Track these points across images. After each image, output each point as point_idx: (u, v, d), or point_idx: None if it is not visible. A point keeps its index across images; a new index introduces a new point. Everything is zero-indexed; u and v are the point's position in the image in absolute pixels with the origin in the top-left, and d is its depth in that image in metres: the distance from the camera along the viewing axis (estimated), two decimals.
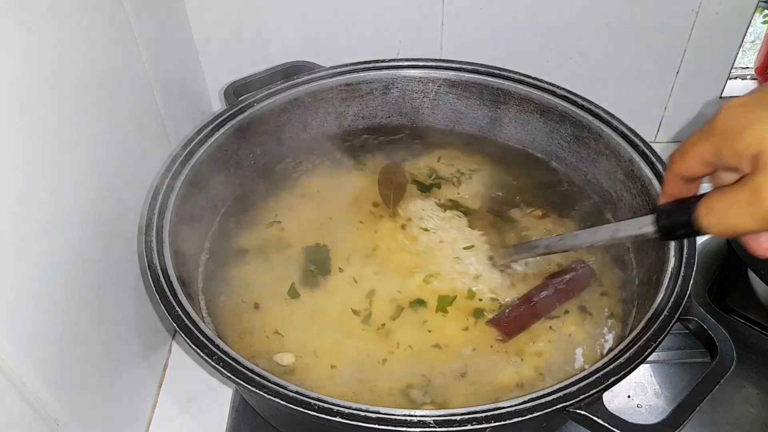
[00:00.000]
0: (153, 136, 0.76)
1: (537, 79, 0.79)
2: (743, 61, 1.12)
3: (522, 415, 0.47)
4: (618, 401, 0.72)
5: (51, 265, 0.52)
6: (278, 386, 0.49)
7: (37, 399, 0.50)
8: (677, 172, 0.44)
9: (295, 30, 0.93)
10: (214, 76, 0.97)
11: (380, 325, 0.64)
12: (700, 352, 0.75)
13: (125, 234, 0.68)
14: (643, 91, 1.02)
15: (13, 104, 0.47)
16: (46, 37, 0.52)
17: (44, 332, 0.51)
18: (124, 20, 0.68)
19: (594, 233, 0.57)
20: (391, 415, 0.47)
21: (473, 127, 0.86)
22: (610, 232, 0.54)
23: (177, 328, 0.53)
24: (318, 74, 0.82)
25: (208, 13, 0.90)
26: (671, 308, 0.54)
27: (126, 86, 0.68)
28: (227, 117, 0.75)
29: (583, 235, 0.59)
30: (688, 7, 0.92)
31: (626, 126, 0.72)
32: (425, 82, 0.84)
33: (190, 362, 0.78)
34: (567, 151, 0.80)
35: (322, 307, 0.66)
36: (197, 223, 0.71)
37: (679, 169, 0.44)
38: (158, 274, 0.57)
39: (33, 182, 0.50)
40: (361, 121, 0.87)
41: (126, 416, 0.68)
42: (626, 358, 0.51)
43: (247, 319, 0.65)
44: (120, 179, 0.66)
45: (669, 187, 0.46)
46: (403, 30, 0.94)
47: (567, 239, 0.61)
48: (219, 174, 0.74)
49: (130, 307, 0.69)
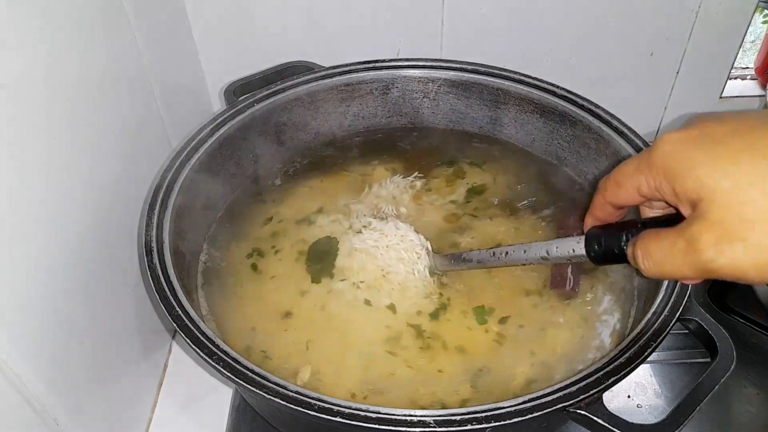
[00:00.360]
0: (153, 136, 0.76)
1: (537, 79, 0.79)
2: (743, 61, 1.12)
3: (522, 415, 0.47)
4: (618, 401, 0.72)
5: (51, 265, 0.52)
6: (278, 386, 0.49)
7: (37, 399, 0.50)
8: (609, 200, 0.43)
9: (295, 30, 0.93)
10: (214, 76, 0.97)
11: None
12: (700, 352, 0.75)
13: (125, 234, 0.68)
14: (643, 91, 1.02)
15: (13, 104, 0.47)
16: (46, 38, 0.52)
17: (44, 332, 0.51)
18: (124, 20, 0.68)
19: (526, 251, 0.55)
20: (391, 415, 0.47)
21: (473, 127, 0.86)
22: (541, 252, 0.52)
23: (177, 328, 0.53)
24: (318, 74, 0.82)
25: (208, 13, 0.90)
26: (671, 308, 0.54)
27: (126, 86, 0.68)
28: (227, 117, 0.75)
29: (516, 252, 0.56)
30: (688, 7, 0.92)
31: (626, 126, 0.72)
32: (425, 82, 0.84)
33: (190, 362, 0.78)
34: (567, 151, 0.80)
35: (323, 304, 0.66)
36: (197, 222, 0.71)
37: (613, 197, 0.43)
38: (158, 274, 0.57)
39: (33, 182, 0.50)
40: (361, 121, 0.87)
41: (126, 416, 0.68)
42: (626, 358, 0.51)
43: (248, 318, 0.65)
44: (120, 179, 0.66)
45: (598, 211, 0.45)
46: (403, 30, 0.94)
47: (499, 255, 0.58)
48: (219, 174, 0.74)
49: (130, 307, 0.69)
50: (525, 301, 0.65)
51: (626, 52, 0.97)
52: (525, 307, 0.65)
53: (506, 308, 0.64)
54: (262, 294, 0.67)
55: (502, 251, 0.58)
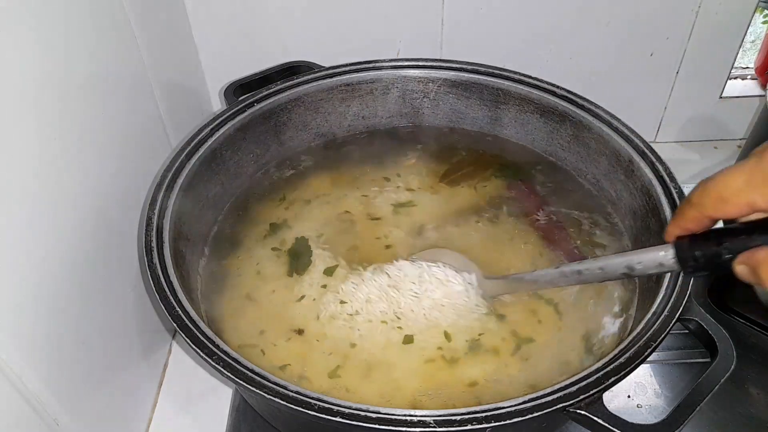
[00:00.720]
0: (153, 136, 0.76)
1: (537, 79, 0.79)
2: (743, 61, 1.12)
3: (522, 415, 0.47)
4: (618, 401, 0.72)
5: (51, 265, 0.52)
6: (278, 386, 0.49)
7: (37, 399, 0.50)
8: (711, 214, 0.41)
9: (295, 30, 0.93)
10: (214, 76, 0.97)
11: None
12: (700, 352, 0.75)
13: (125, 234, 0.68)
14: (643, 91, 1.02)
15: (13, 105, 0.47)
16: (45, 38, 0.52)
17: (44, 332, 0.51)
18: (124, 20, 0.68)
19: (602, 268, 0.51)
20: (391, 415, 0.47)
21: (473, 127, 0.86)
22: (621, 268, 0.50)
23: (177, 328, 0.53)
24: (318, 74, 0.82)
25: (208, 13, 0.90)
26: (671, 308, 0.54)
27: (126, 86, 0.68)
28: (227, 117, 0.75)
29: (591, 270, 0.52)
30: (688, 7, 0.92)
31: (626, 126, 0.72)
32: (425, 82, 0.84)
33: (190, 362, 0.78)
34: (567, 151, 0.80)
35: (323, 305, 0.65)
36: (197, 222, 0.71)
37: (716, 212, 0.40)
38: (158, 274, 0.57)
39: (32, 182, 0.50)
40: (361, 121, 0.87)
41: (126, 416, 0.68)
42: (626, 358, 0.51)
43: (247, 318, 0.65)
44: (120, 179, 0.66)
45: (690, 224, 0.43)
46: (403, 30, 0.94)
47: (570, 274, 0.54)
48: (219, 174, 0.74)
49: (130, 307, 0.69)
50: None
51: (626, 51, 0.97)
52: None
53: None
54: (263, 295, 0.67)
55: (573, 270, 0.54)
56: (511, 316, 0.64)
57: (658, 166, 0.67)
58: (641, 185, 0.68)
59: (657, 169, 0.67)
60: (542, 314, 0.64)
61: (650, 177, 0.67)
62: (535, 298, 0.65)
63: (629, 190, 0.71)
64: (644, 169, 0.68)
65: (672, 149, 1.07)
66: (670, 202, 0.64)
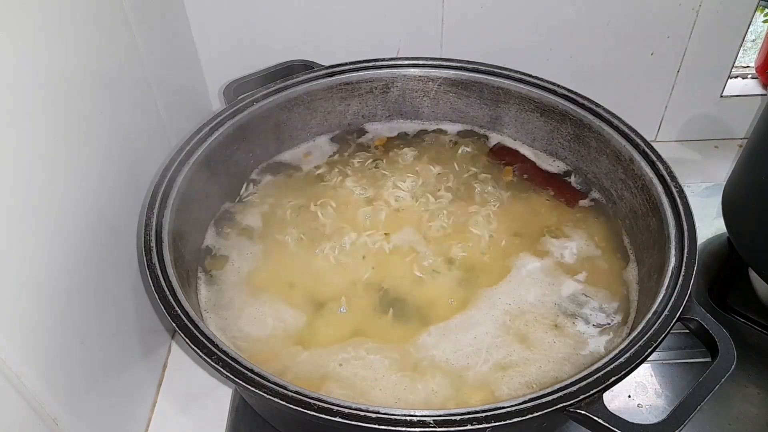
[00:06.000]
0: (153, 135, 0.76)
1: (537, 78, 0.79)
2: (744, 60, 1.12)
3: (522, 415, 0.47)
4: (618, 401, 0.72)
5: (51, 265, 0.52)
6: (278, 386, 0.49)
7: (37, 399, 0.49)
8: None
9: (295, 29, 0.93)
10: (213, 75, 0.97)
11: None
12: (700, 352, 0.75)
13: (125, 234, 0.67)
14: (644, 91, 1.02)
15: (13, 105, 0.47)
16: (45, 38, 0.52)
17: (44, 332, 0.51)
18: (124, 20, 0.68)
19: None
20: (391, 415, 0.47)
21: (474, 126, 0.86)
22: None
23: (176, 328, 0.53)
24: (317, 73, 0.82)
25: (208, 13, 0.90)
26: (672, 308, 0.54)
27: (126, 86, 0.68)
28: (226, 116, 0.75)
29: None
30: (688, 6, 0.92)
31: (627, 125, 0.72)
32: (425, 81, 0.84)
33: (190, 362, 0.78)
34: (567, 150, 0.80)
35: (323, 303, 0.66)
36: (197, 222, 0.70)
37: None
38: (158, 274, 0.57)
39: (33, 182, 0.50)
40: (360, 120, 0.87)
41: (126, 416, 0.68)
42: (626, 357, 0.51)
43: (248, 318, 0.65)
44: (120, 179, 0.66)
45: None
46: (403, 29, 0.94)
47: None
48: (218, 173, 0.74)
49: (130, 307, 0.68)
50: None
51: (627, 51, 0.97)
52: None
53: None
54: (262, 293, 0.67)
55: None
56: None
57: (658, 165, 0.67)
58: (642, 184, 0.68)
59: (657, 168, 0.67)
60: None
61: (651, 176, 0.67)
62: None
63: (630, 188, 0.71)
64: (645, 168, 0.68)
65: (673, 148, 1.07)
66: (671, 201, 0.64)
